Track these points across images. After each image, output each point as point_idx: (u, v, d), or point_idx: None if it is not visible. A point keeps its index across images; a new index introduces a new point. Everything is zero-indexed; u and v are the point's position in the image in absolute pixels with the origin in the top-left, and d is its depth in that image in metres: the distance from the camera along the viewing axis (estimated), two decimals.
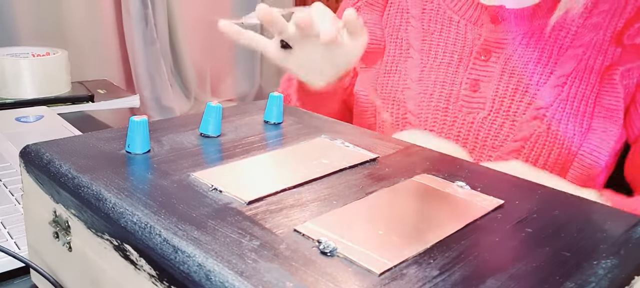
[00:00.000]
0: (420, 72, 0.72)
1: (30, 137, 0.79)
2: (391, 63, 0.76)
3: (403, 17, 0.76)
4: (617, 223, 0.33)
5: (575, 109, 0.64)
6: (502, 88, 0.67)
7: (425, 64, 0.72)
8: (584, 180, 0.64)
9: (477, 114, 0.68)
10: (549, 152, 0.65)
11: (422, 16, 0.74)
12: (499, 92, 0.67)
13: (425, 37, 0.74)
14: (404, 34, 0.76)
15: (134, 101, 1.13)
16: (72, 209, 0.36)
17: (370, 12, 0.79)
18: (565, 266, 0.28)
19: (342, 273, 0.27)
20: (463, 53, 0.70)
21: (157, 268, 0.29)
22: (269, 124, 0.49)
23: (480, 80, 0.68)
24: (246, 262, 0.27)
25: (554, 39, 0.65)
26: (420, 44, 0.74)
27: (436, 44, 0.73)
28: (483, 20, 0.69)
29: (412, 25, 0.75)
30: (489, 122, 0.67)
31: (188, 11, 2.20)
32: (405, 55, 0.75)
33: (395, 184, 0.37)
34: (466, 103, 0.68)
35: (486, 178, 0.39)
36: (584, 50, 0.64)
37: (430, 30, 0.74)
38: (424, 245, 0.29)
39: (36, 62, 1.06)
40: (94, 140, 0.43)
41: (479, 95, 0.68)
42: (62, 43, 1.68)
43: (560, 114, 0.64)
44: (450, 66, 0.71)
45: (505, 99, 0.66)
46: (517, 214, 0.34)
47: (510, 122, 0.66)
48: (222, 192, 0.35)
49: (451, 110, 0.69)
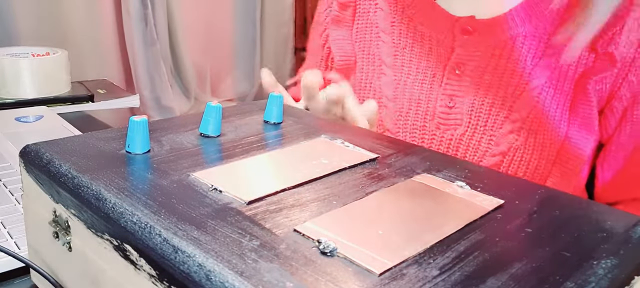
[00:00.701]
0: (394, 89, 0.71)
1: (30, 137, 0.79)
2: (364, 80, 0.74)
3: (373, 32, 0.74)
4: (617, 223, 0.33)
5: (551, 119, 0.63)
6: (478, 102, 0.65)
7: (398, 81, 0.71)
8: (564, 187, 0.64)
9: (454, 130, 0.66)
10: (527, 164, 0.64)
11: (391, 31, 0.72)
12: (475, 107, 0.65)
13: (397, 53, 0.71)
14: (375, 49, 0.73)
15: (134, 101, 1.13)
16: (72, 209, 0.36)
17: (338, 28, 0.76)
18: (565, 266, 0.28)
19: (342, 273, 0.27)
20: (436, 68, 0.68)
21: (157, 268, 0.29)
22: (269, 123, 0.49)
23: (455, 96, 0.67)
24: (246, 262, 0.27)
25: (528, 49, 0.64)
26: (392, 60, 0.71)
27: (408, 59, 0.70)
28: (454, 33, 0.67)
29: (382, 40, 0.73)
30: (467, 137, 0.66)
31: (188, 11, 2.20)
32: (379, 72, 0.73)
33: (395, 184, 0.37)
34: (443, 120, 0.67)
35: (486, 178, 0.39)
36: (557, 58, 0.63)
37: (401, 45, 0.71)
38: (424, 245, 0.29)
39: (36, 62, 1.06)
40: (94, 140, 0.43)
41: (455, 111, 0.66)
42: (62, 43, 1.68)
43: (536, 125, 0.63)
44: (424, 83, 0.69)
45: (482, 113, 0.65)
46: (517, 214, 0.34)
47: (488, 136, 0.65)
48: (222, 192, 0.35)
49: (428, 128, 0.68)
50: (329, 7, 0.78)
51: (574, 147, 0.64)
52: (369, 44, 0.74)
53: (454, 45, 0.67)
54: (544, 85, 0.63)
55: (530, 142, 0.63)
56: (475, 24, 0.65)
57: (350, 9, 0.75)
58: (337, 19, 0.76)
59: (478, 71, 0.65)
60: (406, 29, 0.71)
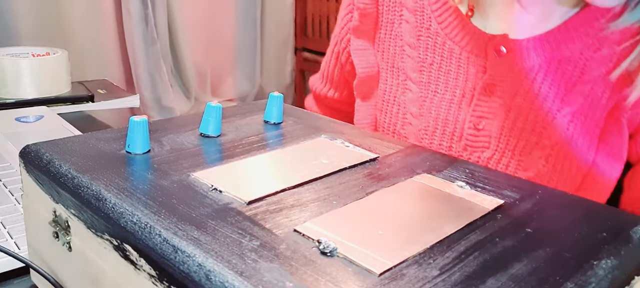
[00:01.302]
0: (419, 106, 0.67)
1: (30, 137, 0.79)
2: (389, 93, 0.71)
3: (397, 45, 0.69)
4: (617, 223, 0.33)
5: (580, 147, 0.60)
6: (508, 126, 0.62)
7: (424, 99, 0.67)
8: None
9: (481, 153, 0.64)
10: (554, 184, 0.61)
11: (417, 44, 0.67)
12: (505, 130, 0.62)
13: (423, 68, 0.67)
14: (400, 63, 0.69)
15: (134, 101, 1.13)
16: (72, 209, 0.36)
17: (360, 38, 0.73)
18: (565, 266, 0.28)
19: (342, 273, 0.27)
20: (466, 88, 0.64)
21: (157, 268, 0.29)
22: (269, 123, 0.49)
23: (484, 118, 0.63)
24: (246, 262, 0.27)
25: (562, 74, 0.60)
26: (418, 75, 0.67)
27: (436, 76, 0.66)
28: (487, 51, 0.62)
29: (407, 54, 0.68)
30: (495, 161, 0.63)
31: (188, 11, 2.20)
32: (403, 87, 0.69)
33: (395, 184, 0.37)
34: (470, 142, 0.64)
35: (486, 178, 0.39)
36: (592, 86, 0.59)
37: (428, 60, 0.66)
38: (424, 245, 0.29)
39: (36, 62, 1.06)
40: (94, 140, 0.43)
41: (484, 133, 0.63)
42: (62, 43, 1.68)
43: (565, 152, 0.61)
44: (453, 102, 0.65)
45: (512, 137, 0.62)
46: (517, 214, 0.34)
47: (516, 161, 0.62)
48: (222, 192, 0.35)
49: (455, 149, 0.65)
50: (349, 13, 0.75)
51: (601, 174, 0.61)
52: (394, 56, 0.70)
53: (487, 64, 0.63)
54: (576, 112, 0.60)
55: (557, 169, 0.61)
56: (509, 44, 0.61)
57: (372, 18, 0.72)
58: (358, 28, 0.73)
59: (510, 93, 0.62)
60: (433, 44, 0.66)
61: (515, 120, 0.62)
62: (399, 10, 0.69)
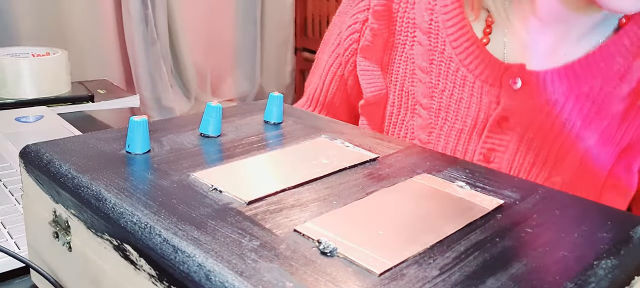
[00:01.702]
0: (428, 134, 0.64)
1: (30, 137, 0.79)
2: (396, 117, 0.67)
3: (408, 68, 0.66)
4: (617, 223, 0.33)
5: (590, 184, 0.59)
6: (519, 159, 0.60)
7: (434, 126, 0.64)
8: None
9: None
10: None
11: (430, 69, 0.64)
12: (515, 164, 0.60)
13: (434, 94, 0.64)
14: (410, 87, 0.66)
15: (134, 101, 1.13)
16: (72, 209, 0.36)
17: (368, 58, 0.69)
18: (565, 266, 0.28)
19: (342, 273, 0.27)
20: (478, 118, 0.61)
21: (157, 268, 0.29)
22: (269, 123, 0.49)
23: (495, 151, 0.61)
24: (246, 262, 0.27)
25: (580, 109, 0.57)
26: (428, 101, 0.64)
27: (447, 104, 0.63)
28: (502, 82, 0.59)
29: (418, 78, 0.65)
30: None
31: (188, 11, 2.21)
32: (412, 112, 0.66)
33: (395, 184, 0.37)
34: None
35: (486, 178, 0.39)
36: (610, 122, 0.57)
37: (440, 86, 0.63)
38: (424, 245, 0.29)
39: (36, 62, 1.06)
40: (94, 140, 0.43)
41: (493, 167, 0.60)
42: (62, 43, 1.68)
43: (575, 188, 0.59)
44: (463, 132, 0.62)
45: (522, 171, 0.60)
46: (517, 214, 0.34)
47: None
48: (222, 192, 0.35)
49: None
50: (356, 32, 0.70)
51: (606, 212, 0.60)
52: (404, 79, 0.67)
53: (500, 96, 0.60)
54: (590, 149, 0.58)
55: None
56: (526, 76, 0.59)
57: (383, 39, 0.68)
58: (368, 48, 0.68)
59: (523, 126, 0.60)
60: (446, 69, 0.63)
61: (526, 155, 0.60)
62: (412, 31, 0.66)
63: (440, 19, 0.63)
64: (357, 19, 0.70)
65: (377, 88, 0.68)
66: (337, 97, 0.75)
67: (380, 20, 0.67)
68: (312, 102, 0.77)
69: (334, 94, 0.75)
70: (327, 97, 0.75)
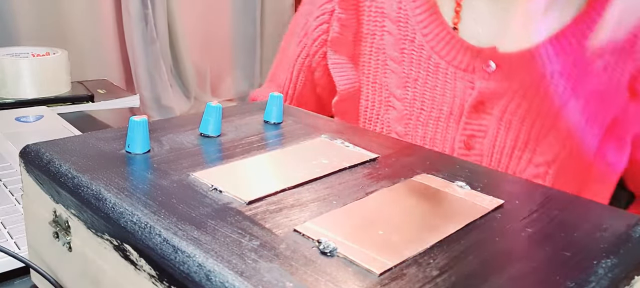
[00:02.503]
0: (404, 126, 0.63)
1: (30, 137, 0.78)
2: (371, 111, 0.66)
3: (379, 58, 0.65)
4: (617, 223, 0.33)
5: (576, 164, 0.59)
6: (500, 143, 0.59)
7: (410, 117, 0.63)
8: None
9: None
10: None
11: (401, 59, 0.63)
12: (497, 149, 0.60)
13: (408, 85, 0.63)
14: (383, 78, 0.65)
15: (134, 101, 1.13)
16: (72, 209, 0.36)
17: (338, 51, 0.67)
18: (565, 266, 0.28)
19: (342, 273, 0.27)
20: (454, 105, 0.60)
21: (157, 268, 0.29)
22: (269, 123, 0.49)
23: (475, 137, 0.60)
24: (246, 262, 0.27)
25: (554, 88, 0.57)
26: (402, 92, 0.63)
27: (421, 93, 0.62)
28: (475, 66, 0.59)
29: (390, 68, 0.64)
30: None
31: (188, 11, 2.21)
32: (387, 104, 0.65)
33: (395, 184, 0.37)
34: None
35: (486, 178, 0.39)
36: (587, 100, 0.57)
37: (413, 76, 0.62)
38: (424, 245, 0.29)
39: (36, 62, 1.06)
40: (94, 140, 0.43)
41: (475, 153, 0.61)
42: (62, 43, 1.68)
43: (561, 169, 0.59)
44: (440, 121, 0.61)
45: (503, 155, 0.60)
46: (517, 214, 0.34)
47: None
48: (222, 192, 0.35)
49: None
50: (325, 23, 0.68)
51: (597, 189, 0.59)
52: (376, 71, 0.65)
53: (475, 81, 0.59)
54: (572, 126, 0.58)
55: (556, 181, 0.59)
56: (499, 59, 0.58)
57: (352, 30, 0.67)
58: (338, 40, 0.67)
59: (499, 110, 0.59)
60: (418, 58, 0.62)
61: (507, 137, 0.59)
62: (381, 21, 0.65)
63: (409, 6, 0.63)
64: (325, 9, 0.68)
65: (349, 82, 0.67)
66: (306, 89, 0.74)
67: (347, 10, 0.66)
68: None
69: (303, 85, 0.74)
70: (296, 89, 0.74)
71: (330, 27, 0.68)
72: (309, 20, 0.70)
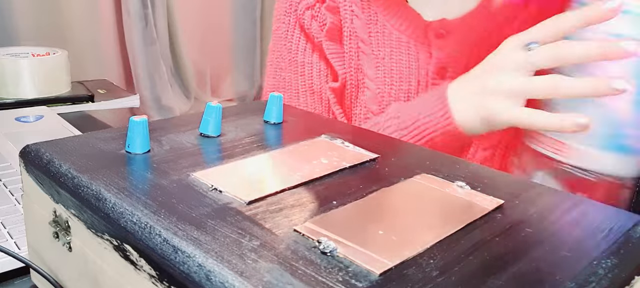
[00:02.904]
0: (378, 103, 0.67)
1: (30, 137, 0.78)
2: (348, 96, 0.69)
3: (353, 42, 0.68)
4: (617, 223, 0.33)
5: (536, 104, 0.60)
6: None
7: (383, 95, 0.66)
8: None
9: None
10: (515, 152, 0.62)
11: (370, 40, 0.67)
12: None
13: (379, 64, 0.66)
14: (357, 61, 0.68)
15: (134, 101, 1.13)
16: (72, 209, 0.36)
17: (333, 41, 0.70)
18: (565, 266, 0.28)
19: (342, 273, 0.27)
20: (420, 75, 0.64)
21: (157, 268, 0.29)
22: (269, 123, 0.49)
23: None
24: (246, 262, 0.27)
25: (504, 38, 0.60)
26: (374, 72, 0.67)
27: (389, 69, 0.65)
28: (429, 37, 0.63)
29: (362, 51, 0.68)
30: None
31: (188, 11, 2.20)
32: (363, 86, 0.68)
33: (395, 184, 0.37)
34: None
35: (486, 178, 0.39)
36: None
37: (381, 55, 0.66)
38: (424, 245, 0.29)
39: (36, 62, 1.06)
40: (94, 140, 0.43)
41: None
42: (62, 43, 1.68)
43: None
44: (410, 92, 0.65)
45: None
46: (517, 214, 0.34)
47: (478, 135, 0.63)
48: (222, 192, 0.35)
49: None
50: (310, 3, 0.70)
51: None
52: (351, 56, 0.69)
53: (432, 50, 0.63)
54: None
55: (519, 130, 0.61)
56: (447, 26, 0.62)
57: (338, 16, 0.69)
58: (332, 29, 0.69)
59: (459, 72, 0.63)
60: (382, 36, 0.66)
61: None
62: (350, 6, 0.68)
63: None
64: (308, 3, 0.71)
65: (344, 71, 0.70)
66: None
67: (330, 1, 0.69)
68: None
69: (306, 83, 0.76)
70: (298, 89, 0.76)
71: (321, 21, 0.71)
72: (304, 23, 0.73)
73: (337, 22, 0.69)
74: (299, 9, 0.73)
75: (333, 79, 0.73)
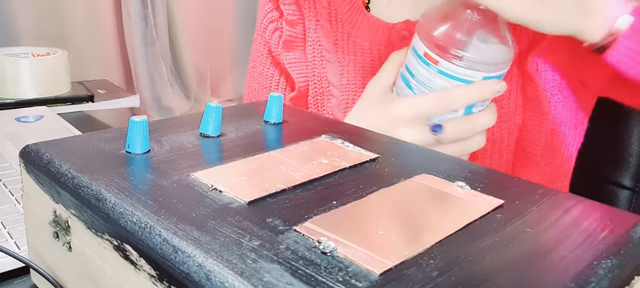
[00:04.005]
0: (343, 110, 0.66)
1: (30, 137, 0.79)
2: (313, 104, 0.69)
3: (316, 51, 0.67)
4: (617, 223, 0.33)
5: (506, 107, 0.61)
6: None
7: (347, 101, 0.65)
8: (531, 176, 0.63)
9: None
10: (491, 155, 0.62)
11: (335, 49, 0.66)
12: None
13: (343, 72, 0.65)
14: (321, 70, 0.67)
15: (134, 101, 1.13)
16: (72, 209, 0.36)
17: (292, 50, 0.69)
18: (565, 266, 0.28)
19: (342, 273, 0.27)
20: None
21: (157, 268, 0.29)
22: (269, 123, 0.49)
23: None
24: (246, 262, 0.27)
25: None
26: (338, 80, 0.66)
27: (353, 77, 0.64)
28: (393, 41, 0.62)
29: (327, 59, 0.67)
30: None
31: (188, 11, 2.21)
32: (328, 94, 0.67)
33: (395, 184, 0.37)
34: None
35: (486, 178, 0.39)
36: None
37: (345, 62, 0.65)
38: (424, 245, 0.29)
39: (36, 62, 1.06)
40: (94, 140, 0.43)
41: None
42: (62, 43, 1.69)
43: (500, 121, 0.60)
44: None
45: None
46: (517, 214, 0.34)
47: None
48: (222, 192, 0.35)
49: None
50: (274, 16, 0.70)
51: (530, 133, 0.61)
52: (314, 64, 0.68)
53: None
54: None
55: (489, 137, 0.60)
56: (412, 27, 0.60)
57: (300, 27, 0.69)
58: (289, 41, 0.69)
59: None
60: (346, 44, 0.65)
61: None
62: (315, 15, 0.67)
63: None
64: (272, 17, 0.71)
65: (305, 79, 0.69)
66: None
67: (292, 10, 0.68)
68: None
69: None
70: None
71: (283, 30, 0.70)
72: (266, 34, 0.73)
73: (298, 34, 0.69)
74: (263, 23, 0.73)
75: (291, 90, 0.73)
